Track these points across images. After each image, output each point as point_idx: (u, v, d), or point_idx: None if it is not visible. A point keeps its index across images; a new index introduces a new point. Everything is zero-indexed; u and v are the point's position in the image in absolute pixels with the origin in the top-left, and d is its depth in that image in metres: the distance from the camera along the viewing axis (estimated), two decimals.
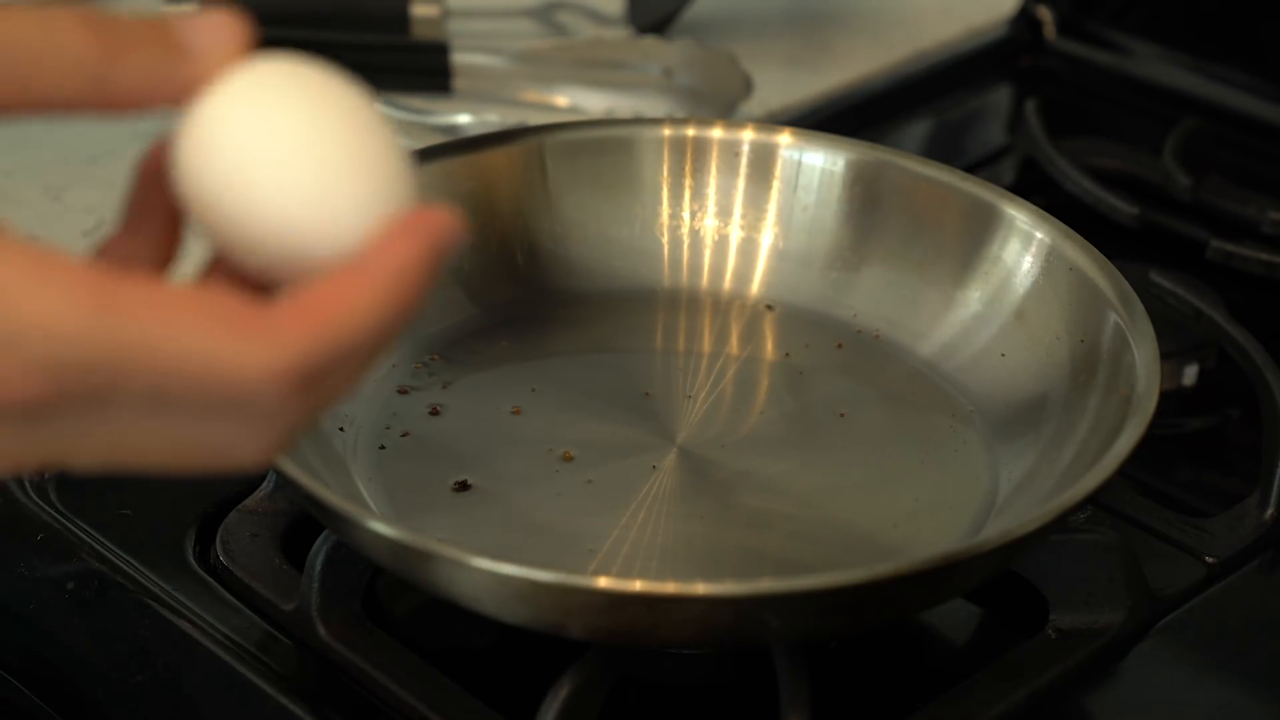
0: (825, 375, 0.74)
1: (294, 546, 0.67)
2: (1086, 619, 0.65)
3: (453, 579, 0.57)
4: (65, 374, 0.41)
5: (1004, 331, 0.73)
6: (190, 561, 0.68)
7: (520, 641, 0.62)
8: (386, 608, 0.66)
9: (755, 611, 0.57)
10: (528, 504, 0.66)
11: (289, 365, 0.42)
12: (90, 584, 0.67)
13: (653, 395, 0.72)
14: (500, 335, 0.75)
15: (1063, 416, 0.68)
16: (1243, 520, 0.70)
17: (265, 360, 0.42)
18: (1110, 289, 0.69)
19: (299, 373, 0.42)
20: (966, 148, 1.02)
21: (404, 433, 0.69)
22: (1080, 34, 1.07)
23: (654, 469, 0.68)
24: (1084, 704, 0.64)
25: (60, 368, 0.41)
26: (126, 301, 0.42)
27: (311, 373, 0.43)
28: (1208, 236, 0.89)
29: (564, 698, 0.58)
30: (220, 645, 0.64)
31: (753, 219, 0.78)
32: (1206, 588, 0.68)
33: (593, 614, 0.57)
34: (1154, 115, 1.00)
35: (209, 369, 0.42)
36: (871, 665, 0.66)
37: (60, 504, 0.71)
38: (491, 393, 0.72)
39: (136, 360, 0.42)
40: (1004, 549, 0.59)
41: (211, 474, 0.44)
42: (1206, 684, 0.65)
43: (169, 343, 0.42)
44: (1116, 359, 0.67)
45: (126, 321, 0.41)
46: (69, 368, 0.41)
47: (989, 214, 0.74)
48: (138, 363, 0.42)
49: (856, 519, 0.67)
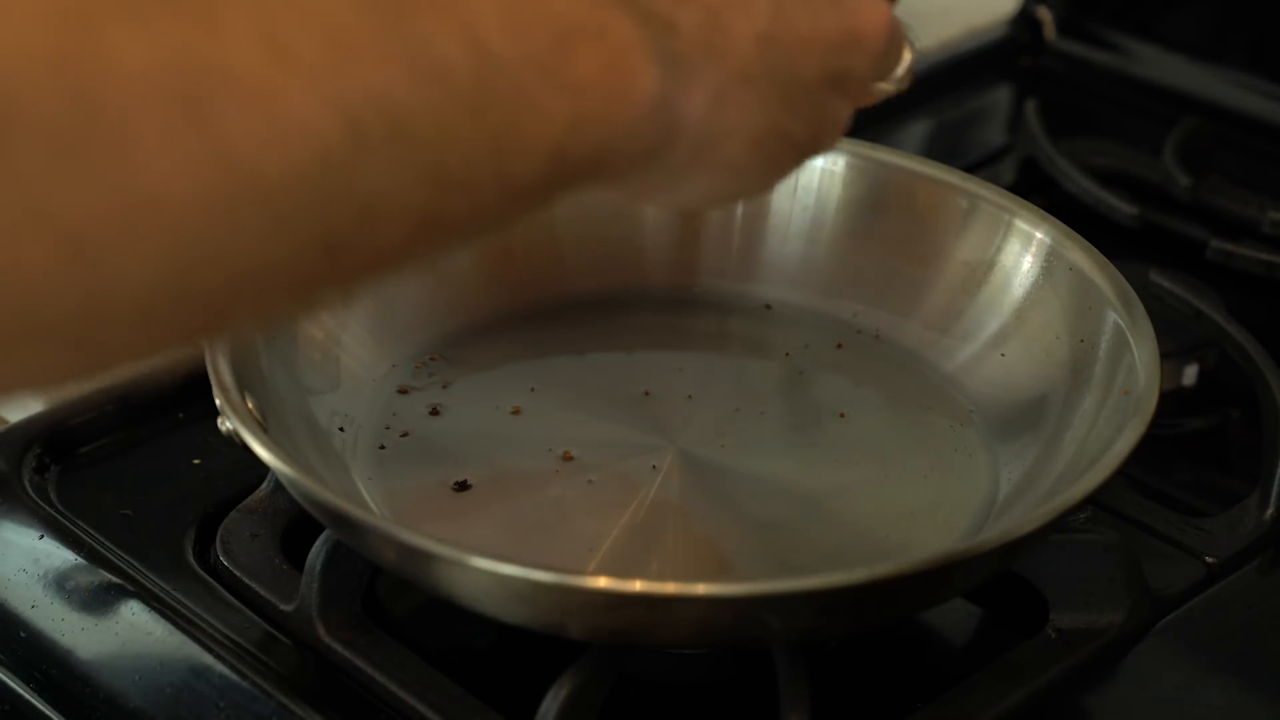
0: (825, 375, 0.74)
1: (294, 546, 0.67)
2: (1086, 619, 0.65)
3: (453, 579, 0.57)
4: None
5: (1004, 331, 0.73)
6: (190, 561, 0.68)
7: (520, 641, 0.62)
8: (386, 608, 0.66)
9: (755, 611, 0.57)
10: (528, 504, 0.66)
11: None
12: (90, 584, 0.67)
13: (653, 395, 0.72)
14: (500, 335, 0.75)
15: (1063, 416, 0.68)
16: (1243, 520, 0.70)
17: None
18: (1110, 289, 0.69)
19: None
20: (966, 148, 1.02)
21: (404, 433, 0.69)
22: (1080, 34, 1.07)
23: (654, 469, 0.68)
24: (1084, 704, 0.64)
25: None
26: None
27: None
28: (1208, 236, 0.89)
29: (564, 698, 0.58)
30: (220, 645, 0.64)
31: (753, 219, 0.78)
32: (1206, 588, 0.68)
33: (592, 614, 0.57)
34: (1154, 115, 1.00)
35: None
36: (871, 665, 0.66)
37: (60, 504, 0.71)
38: (491, 393, 0.72)
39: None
40: (1004, 549, 0.59)
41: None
42: (1206, 684, 0.65)
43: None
44: (1116, 359, 0.67)
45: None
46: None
47: (989, 214, 0.74)
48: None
49: (856, 519, 0.67)
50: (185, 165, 0.39)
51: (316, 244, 0.42)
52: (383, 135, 0.42)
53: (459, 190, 0.44)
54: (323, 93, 0.41)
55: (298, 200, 0.41)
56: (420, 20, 0.43)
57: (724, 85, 0.52)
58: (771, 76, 0.53)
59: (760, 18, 0.52)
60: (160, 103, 0.38)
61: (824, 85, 0.55)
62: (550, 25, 0.46)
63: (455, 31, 0.44)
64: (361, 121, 0.41)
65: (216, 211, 0.39)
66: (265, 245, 0.41)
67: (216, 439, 0.62)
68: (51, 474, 0.72)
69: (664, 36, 0.49)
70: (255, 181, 0.40)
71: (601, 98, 0.47)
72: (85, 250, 0.38)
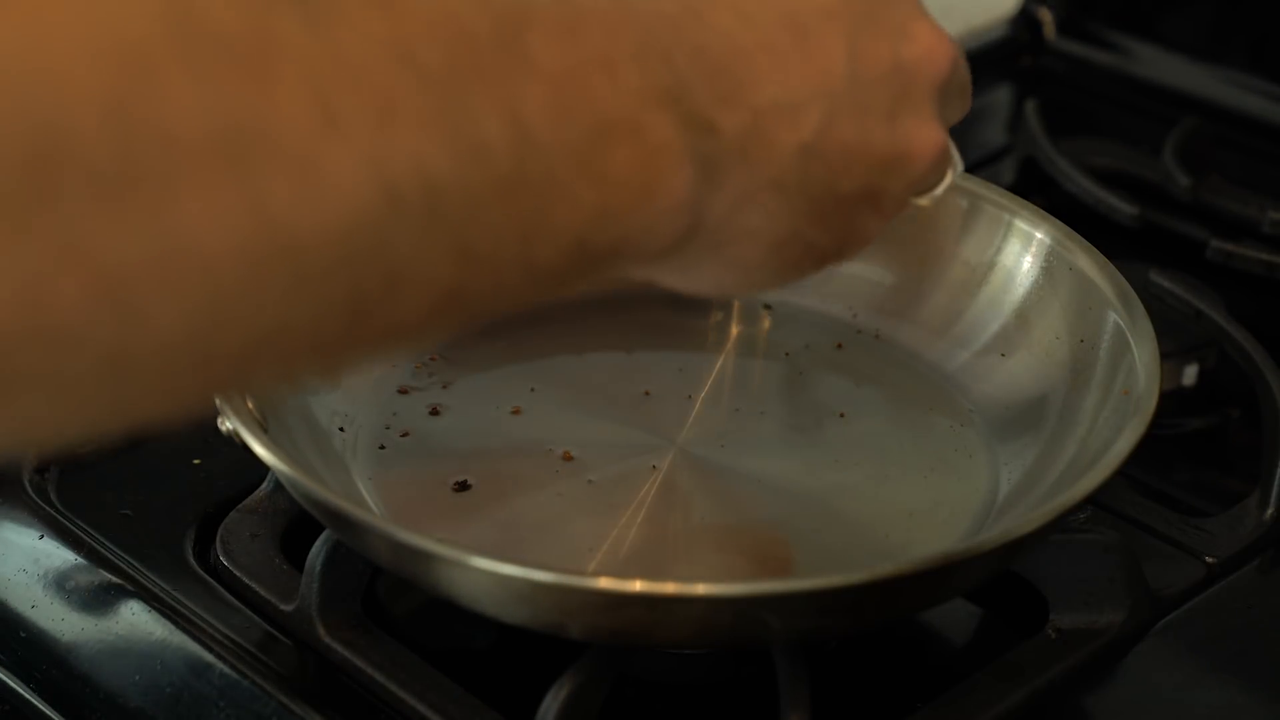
0: (825, 375, 0.74)
1: (294, 546, 0.67)
2: (1086, 619, 0.65)
3: (453, 579, 0.57)
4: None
5: (1004, 331, 0.73)
6: (190, 561, 0.68)
7: (520, 641, 0.62)
8: (386, 608, 0.66)
9: (755, 611, 0.57)
10: (528, 504, 0.66)
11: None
12: (90, 584, 0.67)
13: (653, 395, 0.72)
14: (500, 335, 0.74)
15: (1063, 416, 0.68)
16: (1243, 520, 0.70)
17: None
18: (1110, 289, 0.69)
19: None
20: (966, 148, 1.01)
21: (404, 433, 0.69)
22: (1080, 34, 1.07)
23: (654, 469, 0.68)
24: (1084, 704, 0.64)
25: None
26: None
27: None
28: (1208, 236, 0.89)
29: (564, 698, 0.58)
30: (220, 645, 0.64)
31: None
32: (1206, 588, 0.68)
33: (592, 614, 0.57)
34: (1154, 115, 1.00)
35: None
36: (871, 665, 0.66)
37: (60, 504, 0.71)
38: (491, 393, 0.72)
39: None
40: (1004, 549, 0.59)
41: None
42: (1206, 684, 0.65)
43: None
44: (1116, 359, 0.67)
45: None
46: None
47: (989, 214, 0.74)
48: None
49: (856, 519, 0.67)
50: (222, 218, 0.39)
51: (341, 306, 0.42)
52: (417, 205, 0.42)
53: (484, 267, 0.45)
54: (365, 157, 0.41)
55: (328, 261, 0.41)
56: (469, 95, 0.43)
57: (753, 189, 0.52)
58: (804, 188, 0.53)
59: (806, 128, 0.52)
60: (206, 156, 0.38)
61: (859, 200, 0.55)
62: (592, 117, 0.46)
63: (501, 111, 0.44)
64: (398, 189, 0.42)
65: (247, 265, 0.40)
66: (291, 303, 0.41)
67: (216, 439, 0.62)
68: (51, 474, 0.72)
69: (703, 139, 0.49)
70: (289, 239, 0.40)
71: (631, 194, 0.47)
72: (118, 292, 0.38)
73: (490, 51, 0.44)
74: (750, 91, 0.51)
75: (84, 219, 0.37)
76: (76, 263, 0.37)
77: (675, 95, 0.48)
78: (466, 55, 0.44)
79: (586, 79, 0.46)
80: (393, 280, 0.43)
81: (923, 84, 0.55)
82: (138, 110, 0.38)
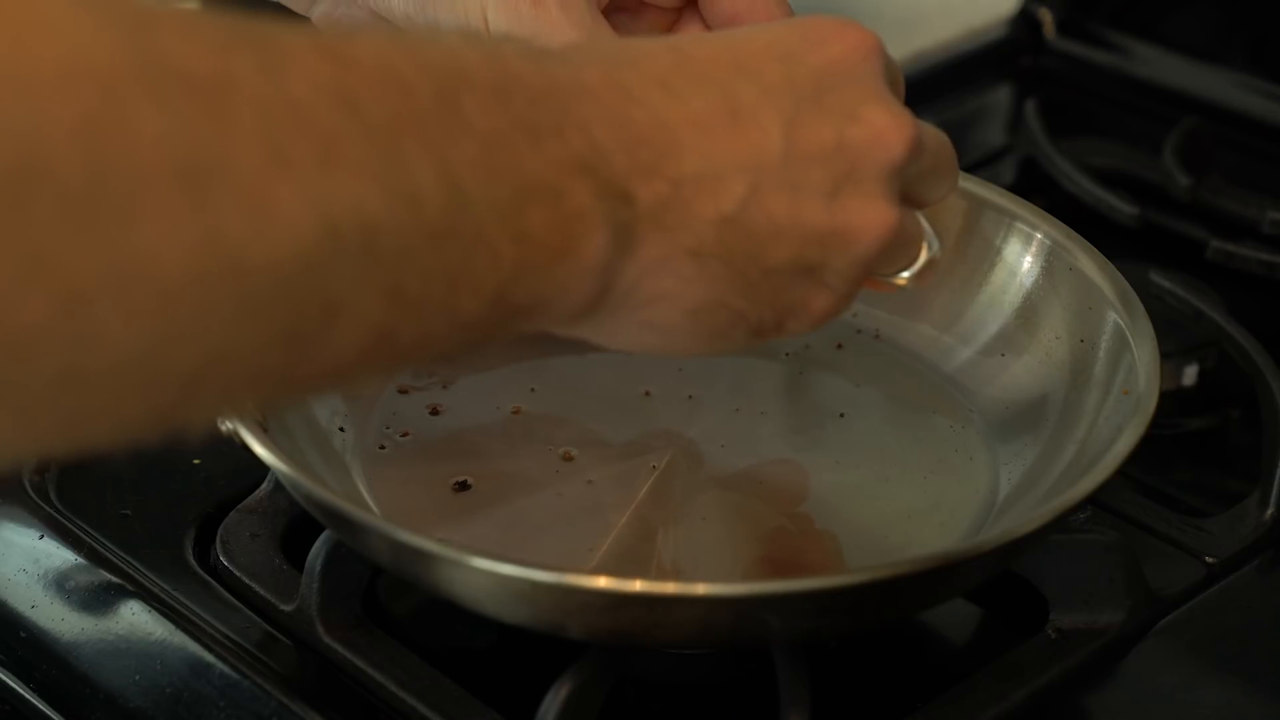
0: (825, 375, 0.74)
1: (294, 546, 0.67)
2: (1086, 619, 0.65)
3: (453, 579, 0.57)
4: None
5: (1004, 332, 0.73)
6: (190, 561, 0.68)
7: (520, 641, 0.62)
8: (386, 608, 0.66)
9: (755, 611, 0.57)
10: (528, 504, 0.66)
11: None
12: (90, 584, 0.67)
13: (653, 395, 0.72)
14: None
15: (1063, 416, 0.68)
16: (1243, 520, 0.70)
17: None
18: (1110, 289, 0.69)
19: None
20: (966, 148, 1.02)
21: (404, 433, 0.69)
22: (1080, 34, 1.07)
23: (654, 469, 0.68)
24: (1084, 704, 0.64)
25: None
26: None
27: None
28: (1208, 236, 0.89)
29: (564, 698, 0.58)
30: (220, 645, 0.64)
31: None
32: (1206, 588, 0.68)
33: (592, 614, 0.57)
34: (1154, 115, 1.00)
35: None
36: (871, 665, 0.66)
37: (60, 504, 0.71)
38: (491, 393, 0.72)
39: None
40: (1004, 549, 0.59)
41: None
42: (1206, 684, 0.65)
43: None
44: (1116, 359, 0.67)
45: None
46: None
47: (989, 214, 0.74)
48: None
49: (856, 519, 0.67)
50: (178, 241, 0.41)
51: (280, 336, 0.44)
52: (355, 244, 0.44)
53: (413, 310, 0.47)
54: (309, 195, 0.43)
55: (272, 289, 0.43)
56: (406, 146, 0.46)
57: (668, 256, 0.53)
58: (726, 257, 0.54)
59: (728, 200, 0.53)
60: (166, 181, 0.40)
61: (794, 273, 0.56)
62: (517, 178, 0.49)
63: (433, 164, 0.46)
64: (339, 227, 0.44)
65: (198, 288, 0.42)
66: (237, 327, 0.43)
67: (216, 439, 0.62)
68: (51, 474, 0.72)
69: (619, 207, 0.51)
70: (237, 267, 0.42)
71: (547, 254, 0.50)
72: (78, 305, 0.40)
73: (428, 107, 0.47)
74: (670, 163, 0.52)
75: (52, 233, 0.39)
76: (42, 275, 0.39)
77: (591, 164, 0.50)
78: (406, 108, 0.46)
79: (513, 142, 0.49)
80: (330, 313, 0.45)
81: (870, 165, 0.56)
82: (105, 132, 0.39)
